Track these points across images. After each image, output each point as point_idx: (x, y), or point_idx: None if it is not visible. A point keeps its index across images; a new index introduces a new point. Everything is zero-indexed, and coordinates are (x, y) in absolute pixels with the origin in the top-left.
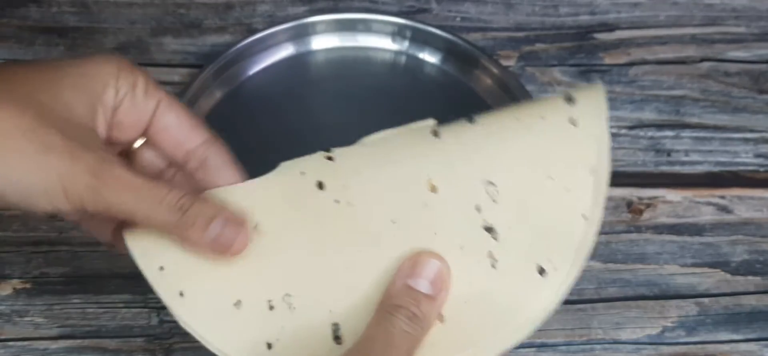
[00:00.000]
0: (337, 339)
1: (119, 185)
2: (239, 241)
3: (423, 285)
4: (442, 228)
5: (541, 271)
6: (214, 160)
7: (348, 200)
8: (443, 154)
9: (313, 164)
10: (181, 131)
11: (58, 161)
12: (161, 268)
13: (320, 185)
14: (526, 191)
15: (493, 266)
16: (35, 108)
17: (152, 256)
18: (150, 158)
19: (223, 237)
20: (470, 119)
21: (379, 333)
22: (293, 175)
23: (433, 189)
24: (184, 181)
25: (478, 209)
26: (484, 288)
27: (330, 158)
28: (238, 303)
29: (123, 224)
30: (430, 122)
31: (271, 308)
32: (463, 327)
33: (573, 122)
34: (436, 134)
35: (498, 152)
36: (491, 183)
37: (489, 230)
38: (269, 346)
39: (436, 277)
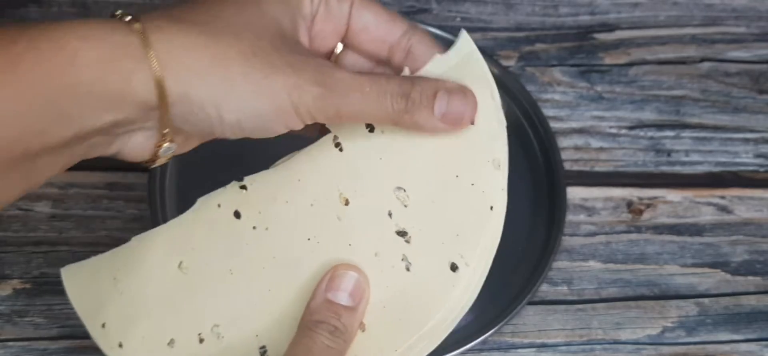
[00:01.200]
0: None
1: (344, 88)
2: (469, 109)
3: (342, 297)
4: (356, 239)
5: (454, 267)
6: (418, 47)
7: (265, 225)
8: (350, 166)
9: (228, 195)
10: (379, 27)
11: (283, 79)
12: (103, 325)
13: (237, 215)
14: (434, 191)
15: (407, 268)
16: (250, 30)
17: (94, 312)
18: (353, 62)
19: (452, 110)
20: (370, 128)
21: (299, 352)
22: (210, 209)
23: (346, 202)
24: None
25: (390, 215)
26: (400, 290)
27: (243, 188)
28: (171, 342)
29: None
30: (331, 135)
31: (201, 341)
32: (383, 332)
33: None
34: (339, 147)
35: (404, 157)
36: (400, 188)
37: (402, 234)
38: None
39: (354, 288)
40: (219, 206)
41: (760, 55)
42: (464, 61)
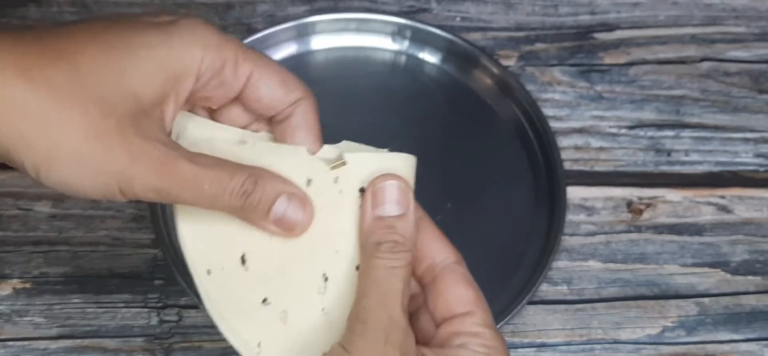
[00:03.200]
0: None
1: (181, 182)
2: (304, 219)
3: (391, 209)
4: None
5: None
6: (297, 119)
7: None
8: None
9: None
10: (273, 98)
11: (116, 167)
12: (208, 272)
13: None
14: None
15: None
16: (99, 107)
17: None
18: (236, 114)
19: (287, 217)
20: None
21: (369, 285)
22: None
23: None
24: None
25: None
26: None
27: None
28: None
29: None
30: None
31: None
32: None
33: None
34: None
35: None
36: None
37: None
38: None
39: (399, 195)
40: None
41: (760, 55)
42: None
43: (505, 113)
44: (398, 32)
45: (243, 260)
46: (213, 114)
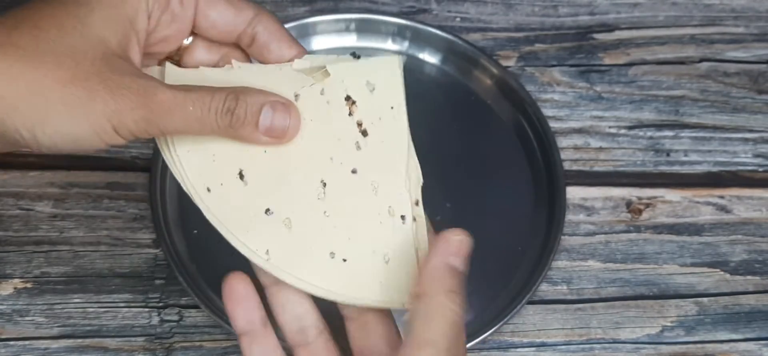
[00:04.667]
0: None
1: (165, 109)
2: (292, 124)
3: (461, 263)
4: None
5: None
6: (263, 35)
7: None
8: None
9: None
10: (226, 21)
11: (102, 106)
12: (208, 189)
13: None
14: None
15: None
16: (70, 55)
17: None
18: (202, 54)
19: (275, 125)
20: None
21: (444, 326)
22: None
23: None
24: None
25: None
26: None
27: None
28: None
29: None
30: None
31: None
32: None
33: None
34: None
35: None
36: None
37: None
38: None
39: (467, 253)
40: None
41: (759, 55)
42: (383, 80)
43: (504, 113)
44: (398, 33)
45: (241, 176)
46: (181, 61)
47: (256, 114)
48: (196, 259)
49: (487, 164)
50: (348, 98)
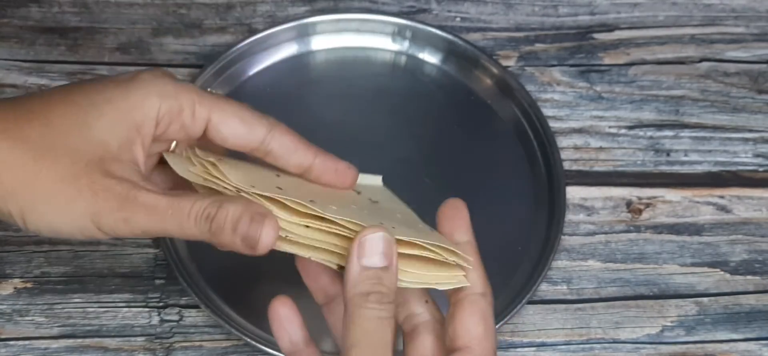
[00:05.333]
0: None
1: (147, 212)
2: (265, 235)
3: (377, 260)
4: None
5: None
6: (278, 150)
7: None
8: None
9: None
10: (237, 136)
11: (84, 205)
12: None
13: None
14: None
15: None
16: (68, 155)
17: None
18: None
19: (250, 236)
20: None
21: (360, 336)
22: None
23: None
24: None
25: None
26: None
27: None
28: None
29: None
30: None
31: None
32: None
33: None
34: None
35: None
36: None
37: None
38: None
39: (385, 247)
40: None
41: (759, 55)
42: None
43: (504, 113)
44: (398, 33)
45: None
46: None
47: (236, 223)
48: (196, 259)
49: (487, 164)
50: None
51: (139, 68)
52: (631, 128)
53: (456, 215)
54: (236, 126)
